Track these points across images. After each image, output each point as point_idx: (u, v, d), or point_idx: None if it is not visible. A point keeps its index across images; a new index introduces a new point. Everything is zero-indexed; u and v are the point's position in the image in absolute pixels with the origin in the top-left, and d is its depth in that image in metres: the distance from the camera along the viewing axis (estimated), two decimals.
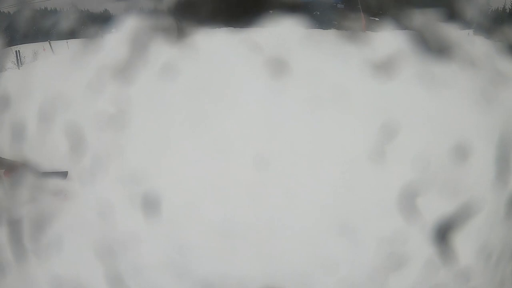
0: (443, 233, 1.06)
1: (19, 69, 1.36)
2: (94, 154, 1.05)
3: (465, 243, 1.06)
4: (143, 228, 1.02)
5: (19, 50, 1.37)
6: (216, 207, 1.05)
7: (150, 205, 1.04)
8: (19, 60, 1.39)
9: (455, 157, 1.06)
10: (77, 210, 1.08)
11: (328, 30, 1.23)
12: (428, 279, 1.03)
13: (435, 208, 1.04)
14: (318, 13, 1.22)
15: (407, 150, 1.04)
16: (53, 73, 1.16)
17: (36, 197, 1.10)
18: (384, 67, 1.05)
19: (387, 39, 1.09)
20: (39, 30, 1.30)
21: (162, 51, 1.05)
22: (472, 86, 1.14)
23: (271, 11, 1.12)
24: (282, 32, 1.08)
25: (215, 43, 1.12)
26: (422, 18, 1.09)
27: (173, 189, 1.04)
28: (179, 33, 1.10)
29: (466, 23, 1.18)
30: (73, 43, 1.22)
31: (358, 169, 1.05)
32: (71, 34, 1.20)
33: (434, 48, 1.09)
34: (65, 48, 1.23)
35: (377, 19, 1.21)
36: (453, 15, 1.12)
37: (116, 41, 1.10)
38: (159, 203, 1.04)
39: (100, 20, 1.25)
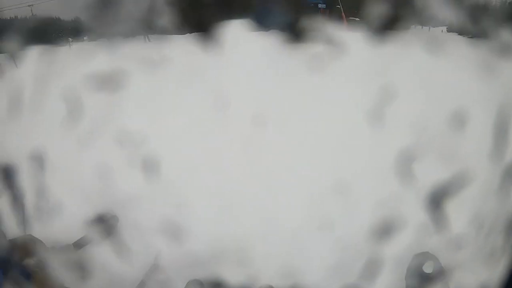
0: (437, 200, 1.08)
1: None
2: (92, 117, 1.05)
3: (458, 211, 1.08)
4: (142, 190, 1.04)
5: None
6: (214, 167, 1.07)
7: (149, 166, 1.05)
8: None
9: (452, 124, 1.06)
10: (77, 174, 1.09)
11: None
12: (421, 244, 1.06)
13: (430, 174, 1.05)
14: None
15: (405, 114, 1.03)
16: None
17: None
18: (385, 29, 1.03)
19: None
20: None
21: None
22: (474, 54, 1.13)
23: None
24: None
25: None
26: None
27: (172, 150, 1.05)
28: None
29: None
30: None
31: (356, 130, 1.06)
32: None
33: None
34: None
35: (357, 19, 1.18)
36: None
37: None
38: (159, 165, 1.05)
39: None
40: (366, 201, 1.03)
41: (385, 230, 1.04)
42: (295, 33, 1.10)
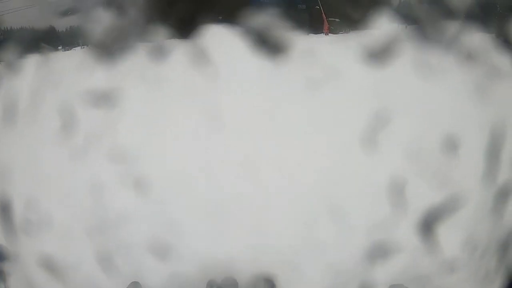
0: (430, 223, 1.08)
1: None
2: (86, 132, 1.05)
3: (451, 234, 1.08)
4: (133, 207, 1.03)
5: None
6: (207, 186, 1.06)
7: (141, 184, 1.05)
8: None
9: (445, 148, 1.07)
10: (67, 188, 1.08)
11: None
12: (414, 268, 1.05)
13: (423, 197, 1.05)
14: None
15: (398, 138, 1.04)
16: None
17: None
18: (380, 53, 1.05)
19: (385, 26, 1.08)
20: None
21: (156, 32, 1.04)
22: (467, 79, 1.15)
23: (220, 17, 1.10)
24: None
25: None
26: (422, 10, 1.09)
27: (165, 168, 1.05)
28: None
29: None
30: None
31: (349, 154, 1.06)
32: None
33: (432, 38, 1.08)
34: None
35: (337, 19, 1.20)
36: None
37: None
38: (151, 182, 1.05)
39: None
40: (359, 225, 1.03)
41: (377, 254, 1.04)
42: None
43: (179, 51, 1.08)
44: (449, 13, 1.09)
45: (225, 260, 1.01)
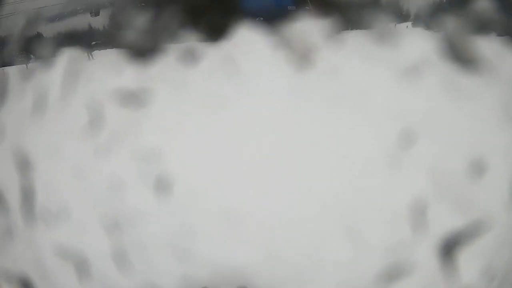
0: (449, 248, 1.04)
1: None
2: (112, 129, 1.07)
3: (470, 261, 1.04)
4: (152, 207, 1.04)
5: None
6: (225, 193, 1.06)
7: (161, 185, 1.06)
8: None
9: (470, 172, 1.04)
10: (88, 183, 1.10)
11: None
12: None
13: (444, 221, 1.02)
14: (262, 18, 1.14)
15: (423, 160, 1.02)
16: None
17: None
18: (409, 72, 1.03)
19: (415, 43, 1.06)
20: None
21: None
22: (496, 102, 1.11)
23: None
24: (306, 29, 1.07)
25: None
26: (453, 25, 1.06)
27: (186, 172, 1.05)
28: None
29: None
30: None
31: (372, 173, 1.04)
32: None
33: (462, 58, 1.06)
34: None
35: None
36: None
37: None
38: (171, 184, 1.06)
39: None
40: (375, 244, 1.00)
41: (393, 276, 1.01)
42: None
43: (209, 56, 1.09)
44: (481, 29, 1.06)
45: (237, 268, 1.00)
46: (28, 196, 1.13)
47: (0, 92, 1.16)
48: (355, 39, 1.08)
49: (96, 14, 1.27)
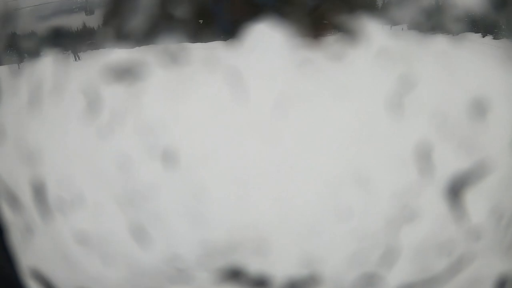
0: (457, 189, 1.06)
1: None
2: (111, 109, 1.07)
3: (477, 201, 1.06)
4: (162, 179, 1.05)
5: None
6: (232, 154, 1.07)
7: (168, 156, 1.07)
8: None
9: (473, 113, 1.04)
10: (97, 165, 1.11)
11: None
12: (439, 234, 1.05)
13: (450, 163, 1.03)
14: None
15: (425, 103, 1.01)
16: None
17: None
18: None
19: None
20: None
21: None
22: (497, 45, 1.09)
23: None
24: None
25: None
26: None
27: (191, 139, 1.06)
28: None
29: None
30: None
31: (375, 119, 1.04)
32: None
33: None
34: None
35: (325, 21, 1.14)
36: None
37: None
38: (178, 154, 1.06)
39: None
40: (384, 190, 1.02)
41: (403, 220, 1.03)
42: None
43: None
44: None
45: (252, 226, 1.03)
46: (39, 190, 1.14)
47: None
48: None
49: (91, 13, 1.23)
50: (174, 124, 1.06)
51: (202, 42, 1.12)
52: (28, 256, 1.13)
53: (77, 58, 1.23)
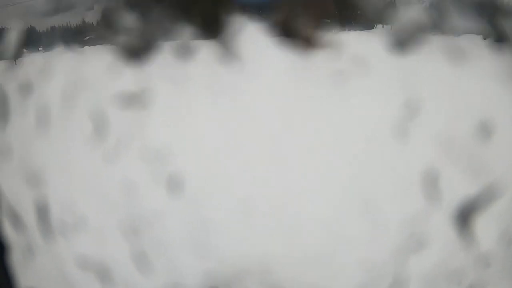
0: (465, 215, 1.04)
1: None
2: (117, 134, 1.08)
3: (487, 226, 1.04)
4: (166, 206, 1.05)
5: None
6: (238, 184, 1.07)
7: (174, 183, 1.07)
8: None
9: (479, 135, 1.03)
10: (101, 190, 1.11)
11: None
12: (448, 262, 1.02)
13: (457, 188, 1.02)
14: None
15: (430, 128, 1.01)
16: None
17: None
18: (407, 41, 1.02)
19: (410, 12, 1.05)
20: None
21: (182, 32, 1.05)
22: (498, 62, 1.10)
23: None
24: None
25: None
26: None
27: (197, 166, 1.06)
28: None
29: None
30: None
31: (381, 146, 1.04)
32: None
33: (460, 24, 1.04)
34: None
35: (327, 20, 1.17)
36: None
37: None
38: (183, 181, 1.06)
39: None
40: (392, 218, 1.01)
41: (411, 248, 1.01)
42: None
43: (205, 49, 1.09)
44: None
45: (257, 258, 1.01)
46: (43, 211, 1.14)
47: (2, 111, 1.17)
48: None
49: (90, 8, 1.26)
50: (180, 151, 1.07)
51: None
52: (28, 276, 1.12)
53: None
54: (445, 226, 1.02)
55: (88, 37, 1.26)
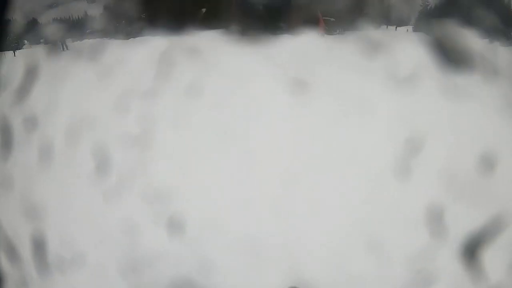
0: (472, 249, 1.01)
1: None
2: (119, 173, 1.07)
3: (495, 258, 1.01)
4: (167, 247, 1.02)
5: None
6: (241, 224, 1.05)
7: (174, 223, 1.05)
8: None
9: (482, 168, 1.03)
10: (101, 228, 1.09)
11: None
12: None
13: (463, 222, 1.00)
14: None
15: (432, 164, 1.01)
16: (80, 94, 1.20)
17: None
18: (406, 80, 1.04)
19: (408, 51, 1.08)
20: None
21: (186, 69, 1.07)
22: (496, 95, 1.11)
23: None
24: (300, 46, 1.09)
25: (237, 60, 1.13)
26: (441, 28, 1.08)
27: (198, 207, 1.04)
28: None
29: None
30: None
31: (384, 184, 1.03)
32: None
33: (455, 59, 1.07)
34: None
35: (332, 19, 1.19)
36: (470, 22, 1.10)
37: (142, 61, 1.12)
38: (184, 221, 1.05)
39: None
40: (397, 255, 0.98)
41: (418, 285, 0.98)
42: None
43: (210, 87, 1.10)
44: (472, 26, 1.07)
45: None
46: (39, 245, 1.12)
47: (6, 143, 1.18)
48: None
49: (92, 1, 1.27)
50: (180, 192, 1.06)
51: None
52: None
53: (64, 47, 1.23)
54: (452, 261, 0.99)
55: (90, 30, 1.27)
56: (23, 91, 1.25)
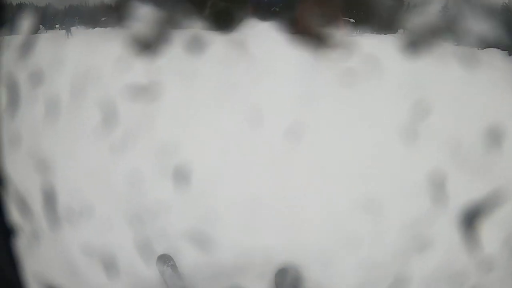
0: (470, 219, 1.03)
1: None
2: (125, 126, 1.08)
3: (491, 231, 1.03)
4: (172, 198, 1.06)
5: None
6: (244, 178, 1.07)
7: (180, 175, 1.07)
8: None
9: (488, 141, 1.02)
10: (108, 179, 1.12)
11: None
12: (451, 265, 1.01)
13: (464, 192, 1.01)
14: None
15: (439, 131, 1.00)
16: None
17: None
18: (420, 43, 1.00)
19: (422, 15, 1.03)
20: None
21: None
22: (509, 68, 1.08)
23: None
24: None
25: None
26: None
27: (203, 160, 1.06)
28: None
29: None
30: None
31: (389, 147, 1.03)
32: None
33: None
34: None
35: (352, 20, 1.15)
36: None
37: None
38: (189, 174, 1.07)
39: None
40: (395, 219, 1.00)
41: (414, 249, 1.01)
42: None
43: (216, 45, 1.09)
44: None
45: (260, 251, 1.02)
46: (50, 198, 1.16)
47: (13, 100, 1.18)
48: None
49: None
50: (187, 144, 1.07)
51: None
52: (33, 262, 1.13)
53: (70, 35, 1.22)
54: (449, 228, 1.02)
55: (104, 18, 1.25)
56: (28, 45, 1.23)
